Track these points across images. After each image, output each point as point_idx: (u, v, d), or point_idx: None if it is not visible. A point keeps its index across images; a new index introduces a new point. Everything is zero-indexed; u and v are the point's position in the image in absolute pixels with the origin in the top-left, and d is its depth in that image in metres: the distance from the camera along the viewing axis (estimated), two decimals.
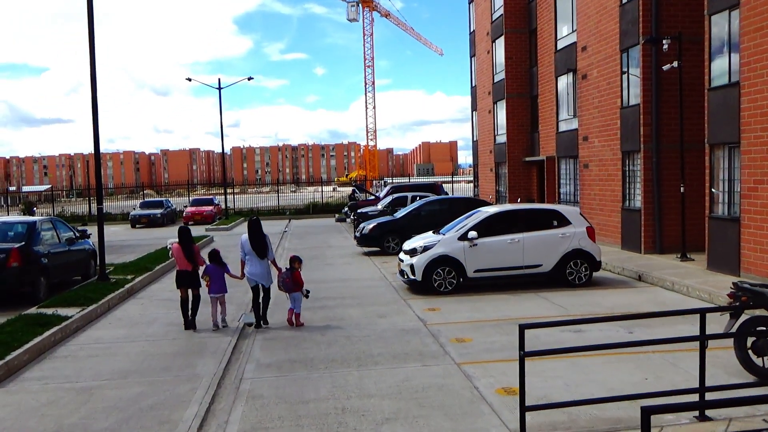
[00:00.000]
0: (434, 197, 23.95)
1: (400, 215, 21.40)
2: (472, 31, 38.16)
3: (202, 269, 11.21)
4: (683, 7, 17.65)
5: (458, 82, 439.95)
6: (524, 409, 5.72)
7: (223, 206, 41.48)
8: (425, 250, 13.78)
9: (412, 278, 13.78)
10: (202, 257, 11.35)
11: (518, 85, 31.02)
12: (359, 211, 26.93)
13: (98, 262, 15.70)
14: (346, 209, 34.30)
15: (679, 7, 17.69)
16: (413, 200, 25.21)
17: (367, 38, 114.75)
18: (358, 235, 21.46)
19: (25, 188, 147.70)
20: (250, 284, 11.11)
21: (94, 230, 16.44)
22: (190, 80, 41.31)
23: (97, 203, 16.17)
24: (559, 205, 20.97)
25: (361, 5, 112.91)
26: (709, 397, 6.24)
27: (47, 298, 13.32)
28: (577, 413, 6.62)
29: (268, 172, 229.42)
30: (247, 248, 11.03)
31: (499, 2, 31.85)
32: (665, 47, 16.40)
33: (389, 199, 27.50)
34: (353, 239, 23.02)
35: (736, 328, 7.43)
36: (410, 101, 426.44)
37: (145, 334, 10.97)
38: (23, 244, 13.39)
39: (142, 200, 43.18)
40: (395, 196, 27.61)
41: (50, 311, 11.64)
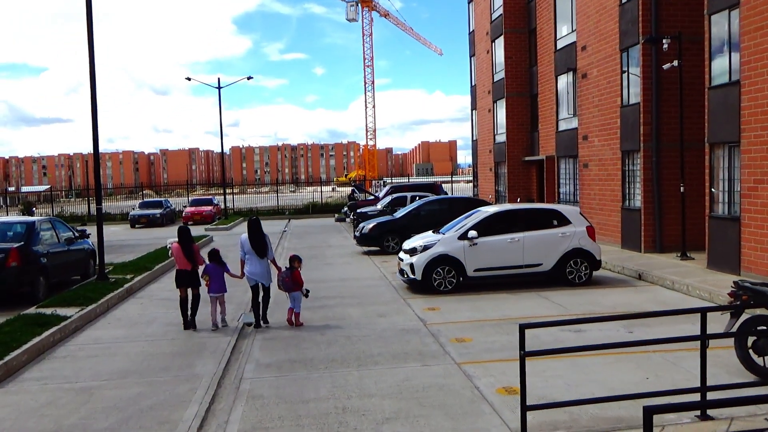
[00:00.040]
0: (434, 197, 23.94)
1: (399, 215, 21.40)
2: (471, 30, 38.15)
3: (201, 269, 11.21)
4: (683, 6, 17.65)
5: (457, 81, 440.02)
6: (525, 408, 5.71)
7: (222, 206, 41.47)
8: (425, 249, 13.76)
9: (411, 277, 13.77)
10: (201, 257, 11.35)
11: (518, 84, 31.02)
12: (359, 210, 26.96)
13: (97, 261, 15.68)
14: (345, 209, 34.30)
15: (678, 6, 17.69)
16: (413, 200, 25.21)
17: (366, 38, 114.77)
18: (357, 234, 21.46)
19: (24, 188, 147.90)
20: (249, 283, 11.11)
21: (93, 230, 16.42)
22: (189, 80, 41.29)
23: (96, 203, 16.15)
24: (559, 204, 20.98)
25: (360, 5, 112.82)
26: (710, 396, 6.21)
27: (46, 297, 13.31)
28: (578, 412, 6.61)
29: (267, 171, 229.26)
30: (246, 247, 11.03)
31: (498, 2, 31.86)
32: (665, 47, 16.40)
33: (389, 198, 27.53)
34: (353, 239, 23.02)
35: (736, 327, 7.43)
36: (409, 101, 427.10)
37: (144, 333, 10.95)
38: (22, 244, 13.39)
39: (141, 200, 43.24)
40: (395, 195, 27.63)
41: (49, 311, 11.61)
